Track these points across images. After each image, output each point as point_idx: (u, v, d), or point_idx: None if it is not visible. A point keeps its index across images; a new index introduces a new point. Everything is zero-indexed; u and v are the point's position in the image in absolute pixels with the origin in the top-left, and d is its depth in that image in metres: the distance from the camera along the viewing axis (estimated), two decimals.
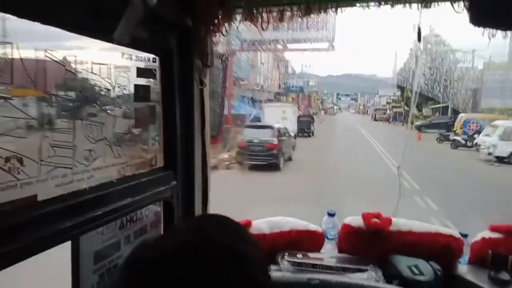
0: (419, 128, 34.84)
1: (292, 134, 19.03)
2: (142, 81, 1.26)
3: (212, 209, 1.63)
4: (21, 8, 0.78)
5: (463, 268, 1.74)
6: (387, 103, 71.87)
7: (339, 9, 1.41)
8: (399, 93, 61.88)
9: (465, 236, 1.81)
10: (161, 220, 1.40)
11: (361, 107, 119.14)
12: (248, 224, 1.77)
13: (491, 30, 1.25)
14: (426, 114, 44.47)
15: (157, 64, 1.31)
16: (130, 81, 1.19)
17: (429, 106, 46.25)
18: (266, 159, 14.27)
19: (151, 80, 1.30)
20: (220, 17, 1.44)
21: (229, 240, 0.66)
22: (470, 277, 1.68)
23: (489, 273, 1.61)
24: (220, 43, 1.62)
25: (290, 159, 16.40)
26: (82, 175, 0.97)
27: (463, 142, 22.95)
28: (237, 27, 1.55)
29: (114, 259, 1.14)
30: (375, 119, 67.84)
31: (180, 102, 1.40)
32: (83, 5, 0.93)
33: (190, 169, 1.47)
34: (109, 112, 1.12)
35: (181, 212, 1.42)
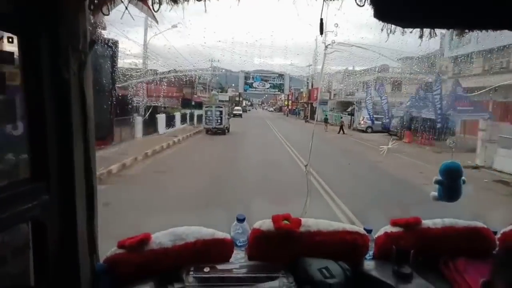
0: None
1: None
2: None
3: (103, 223, 1.36)
4: None
5: (369, 264, 1.77)
6: None
7: None
8: None
9: (369, 231, 1.84)
10: (30, 245, 1.08)
11: (288, 103, 68.11)
12: (147, 237, 1.52)
13: (391, 26, 1.26)
14: None
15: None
16: None
17: None
18: None
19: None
20: None
21: None
22: (375, 273, 1.70)
23: (393, 268, 1.65)
24: (103, 25, 1.36)
25: None
26: None
27: None
28: (126, 7, 1.29)
29: None
30: None
31: (51, 94, 1.08)
32: None
33: (69, 179, 1.16)
34: None
35: (58, 233, 1.11)
